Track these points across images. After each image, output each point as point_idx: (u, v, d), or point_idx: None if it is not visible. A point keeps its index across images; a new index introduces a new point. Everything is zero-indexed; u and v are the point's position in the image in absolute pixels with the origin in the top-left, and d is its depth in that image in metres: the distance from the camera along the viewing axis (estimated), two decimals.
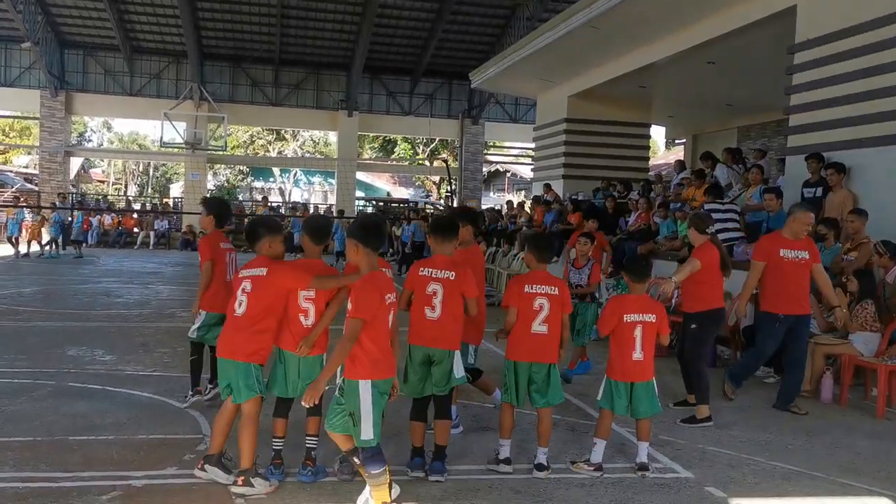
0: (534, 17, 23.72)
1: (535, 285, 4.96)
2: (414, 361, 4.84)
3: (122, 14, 26.09)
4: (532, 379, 4.93)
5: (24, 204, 24.26)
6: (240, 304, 4.49)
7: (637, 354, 5.06)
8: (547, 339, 4.93)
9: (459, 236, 5.20)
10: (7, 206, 24.28)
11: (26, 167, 42.26)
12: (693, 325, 6.59)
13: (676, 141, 27.08)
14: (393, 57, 29.17)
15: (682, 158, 19.51)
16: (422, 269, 4.90)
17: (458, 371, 4.88)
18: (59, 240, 22.35)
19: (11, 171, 39.53)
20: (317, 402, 4.23)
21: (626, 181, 16.30)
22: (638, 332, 5.06)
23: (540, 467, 4.91)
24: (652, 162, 24.40)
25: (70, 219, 23.33)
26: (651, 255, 11.27)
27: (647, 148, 20.41)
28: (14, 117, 40.02)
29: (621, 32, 13.64)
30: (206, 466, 4.52)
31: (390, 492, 4.13)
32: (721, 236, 7.90)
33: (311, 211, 27.50)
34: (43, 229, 21.80)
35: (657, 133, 28.85)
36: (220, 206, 6.71)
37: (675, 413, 6.44)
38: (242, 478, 4.41)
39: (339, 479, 4.64)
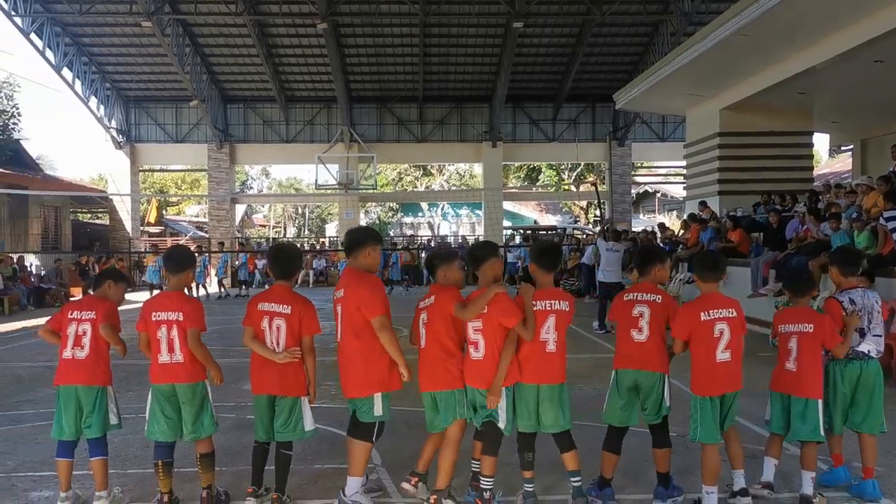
0: (678, 31, 23.11)
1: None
2: (621, 387, 4.74)
3: (277, 66, 27.70)
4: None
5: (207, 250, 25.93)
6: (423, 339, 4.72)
7: (790, 365, 4.76)
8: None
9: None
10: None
11: (197, 216, 45.53)
12: None
13: (842, 147, 25.37)
14: (534, 84, 29.25)
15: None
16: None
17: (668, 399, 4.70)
18: (225, 281, 23.65)
19: (185, 220, 42.76)
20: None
21: (791, 193, 15.43)
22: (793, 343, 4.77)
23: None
24: (815, 172, 22.98)
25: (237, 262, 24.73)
26: (823, 269, 10.57)
27: (810, 157, 19.23)
28: (185, 170, 43.46)
29: (776, 38, 13.01)
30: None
31: None
32: None
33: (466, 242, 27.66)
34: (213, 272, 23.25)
35: (819, 141, 27.19)
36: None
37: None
38: (435, 497, 4.52)
39: None
